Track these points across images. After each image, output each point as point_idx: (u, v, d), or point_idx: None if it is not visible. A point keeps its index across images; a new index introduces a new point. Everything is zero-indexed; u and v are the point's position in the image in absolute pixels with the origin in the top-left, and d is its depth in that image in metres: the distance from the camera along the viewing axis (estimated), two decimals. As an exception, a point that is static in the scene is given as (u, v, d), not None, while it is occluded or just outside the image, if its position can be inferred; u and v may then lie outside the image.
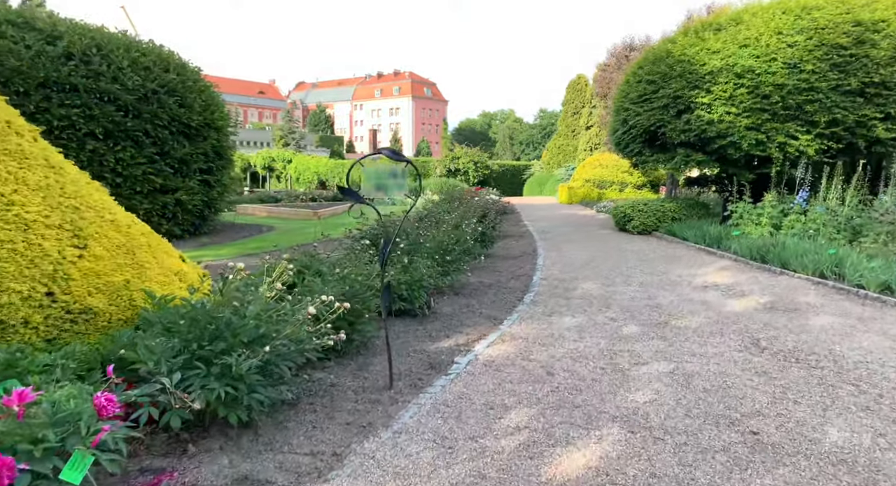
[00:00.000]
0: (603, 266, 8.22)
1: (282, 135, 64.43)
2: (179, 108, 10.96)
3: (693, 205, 12.15)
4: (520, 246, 10.65)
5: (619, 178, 24.08)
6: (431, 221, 9.90)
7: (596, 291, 6.54)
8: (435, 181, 31.93)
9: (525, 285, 6.99)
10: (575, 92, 39.60)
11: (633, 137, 11.69)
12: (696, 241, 10.05)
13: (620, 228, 12.74)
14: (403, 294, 5.05)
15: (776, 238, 8.54)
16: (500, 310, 5.64)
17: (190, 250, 10.21)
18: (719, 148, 10.18)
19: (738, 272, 7.51)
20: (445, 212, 10.93)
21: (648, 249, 10.01)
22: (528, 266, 8.35)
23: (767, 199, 9.73)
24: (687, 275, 7.45)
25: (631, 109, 11.42)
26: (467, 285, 6.96)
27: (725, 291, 6.38)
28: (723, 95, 9.85)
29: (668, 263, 8.47)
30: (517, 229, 13.79)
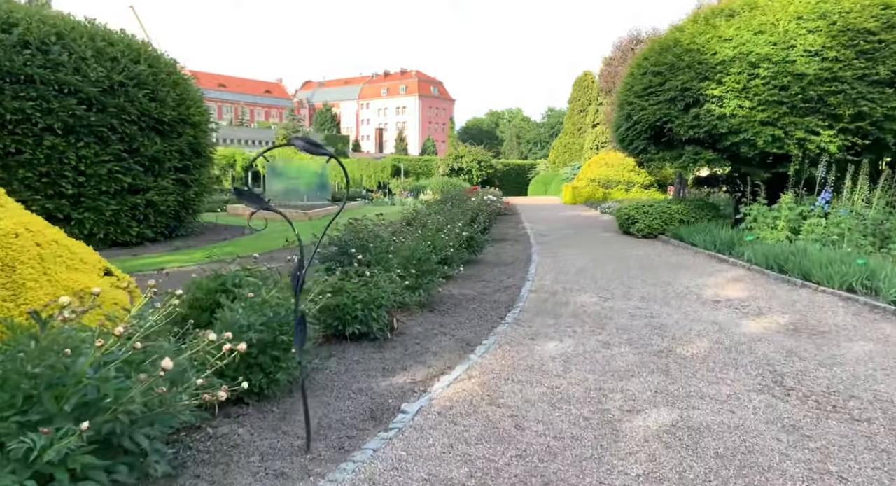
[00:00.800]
0: (601, 275, 7.41)
1: (286, 134, 63.96)
2: (150, 102, 10.25)
3: (702, 206, 11.29)
4: (513, 251, 9.85)
5: (625, 177, 23.17)
6: (418, 224, 9.15)
7: (591, 306, 5.73)
8: (437, 181, 31.17)
9: (512, 298, 6.20)
10: (581, 89, 38.69)
11: (637, 133, 10.84)
12: (706, 246, 9.20)
13: (624, 231, 11.90)
14: (358, 315, 4.28)
15: (795, 244, 7.69)
16: (477, 331, 4.86)
17: (158, 255, 9.52)
18: (731, 145, 9.32)
19: (752, 284, 6.67)
20: (437, 213, 10.19)
21: (653, 255, 9.17)
22: (518, 275, 7.56)
23: (784, 200, 8.86)
24: (695, 287, 6.62)
25: (635, 103, 10.58)
26: (446, 299, 6.18)
27: (739, 307, 5.56)
28: (735, 87, 8.99)
29: (674, 271, 7.64)
30: (514, 232, 12.99)
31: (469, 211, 10.70)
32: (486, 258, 9.03)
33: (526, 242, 11.14)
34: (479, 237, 8.48)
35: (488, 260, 8.87)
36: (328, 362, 3.97)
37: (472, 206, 11.56)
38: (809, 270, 6.40)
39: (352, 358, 4.08)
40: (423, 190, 28.25)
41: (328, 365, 3.91)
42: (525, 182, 40.90)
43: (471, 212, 10.63)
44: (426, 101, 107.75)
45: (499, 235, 12.47)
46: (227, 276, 3.87)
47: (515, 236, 12.14)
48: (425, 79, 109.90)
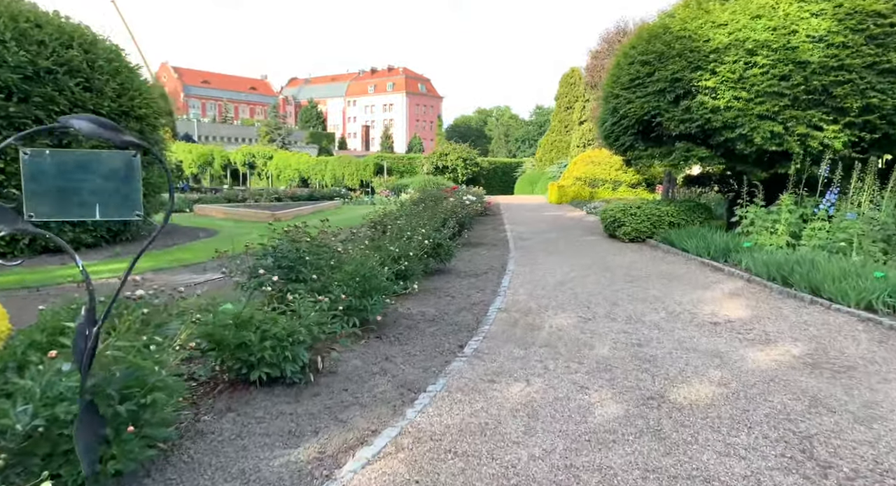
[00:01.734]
0: (583, 288, 6.52)
1: (267, 131, 62.63)
2: (85, 92, 9.19)
3: (693, 208, 10.48)
4: (489, 258, 8.95)
5: (612, 176, 22.40)
6: (380, 230, 8.22)
7: (568, 329, 4.84)
8: (420, 179, 30.22)
9: (477, 318, 5.29)
10: (568, 86, 37.95)
11: (624, 128, 9.98)
12: (699, 252, 8.37)
13: (610, 234, 11.06)
14: (265, 357, 3.34)
15: (798, 252, 6.87)
16: (427, 368, 3.94)
17: (91, 264, 8.48)
18: (726, 141, 8.49)
19: (754, 299, 5.83)
20: (407, 216, 9.28)
21: (641, 262, 8.32)
22: (490, 288, 6.65)
23: (784, 202, 8.05)
24: (689, 303, 5.76)
25: (622, 96, 9.71)
26: (401, 319, 5.26)
27: (742, 331, 4.70)
28: (731, 77, 8.15)
29: (664, 283, 6.78)
30: (493, 235, 12.09)
31: (441, 213, 9.79)
32: (457, 267, 8.11)
33: (504, 246, 10.24)
34: (448, 244, 7.56)
35: (459, 269, 7.96)
36: (222, 421, 3.03)
37: (446, 208, 10.64)
38: (820, 284, 5.56)
39: (254, 414, 3.13)
40: (405, 189, 27.31)
41: (219, 427, 2.97)
42: (511, 181, 40.13)
43: (442, 214, 9.71)
44: (413, 98, 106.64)
45: (476, 238, 11.57)
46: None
47: (494, 240, 11.24)
48: (413, 76, 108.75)
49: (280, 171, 40.31)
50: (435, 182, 27.18)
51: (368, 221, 9.08)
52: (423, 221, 7.88)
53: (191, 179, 43.48)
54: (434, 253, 7.36)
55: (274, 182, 40.78)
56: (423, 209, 10.55)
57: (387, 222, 8.57)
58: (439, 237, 7.46)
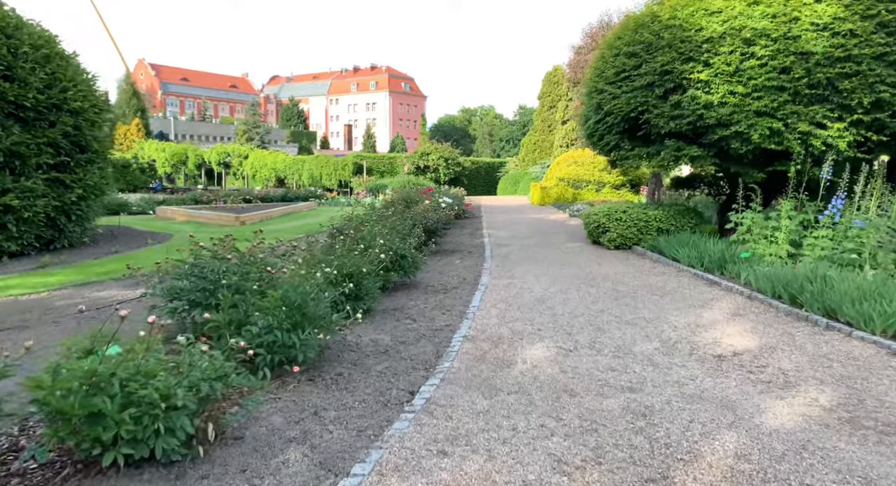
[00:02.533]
0: (564, 307, 5.69)
1: (245, 129, 61.09)
2: (4, 82, 8.12)
3: (683, 212, 9.74)
4: (462, 268, 8.09)
5: (595, 176, 21.73)
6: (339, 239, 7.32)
7: (545, 366, 3.99)
8: (400, 179, 29.30)
9: (438, 351, 4.42)
10: (551, 84, 37.34)
11: (608, 126, 9.20)
12: (692, 263, 7.60)
13: (593, 240, 10.28)
14: (121, 434, 2.42)
15: (805, 265, 6.12)
16: (361, 431, 3.05)
17: (6, 277, 7.43)
18: (719, 140, 7.75)
19: (760, 322, 5.04)
20: (376, 221, 8.40)
21: (628, 274, 7.52)
22: (458, 308, 5.79)
23: (784, 207, 7.33)
24: (686, 327, 4.96)
25: (607, 91, 8.92)
26: (346, 351, 4.37)
27: (754, 369, 3.89)
28: (726, 70, 7.40)
29: (656, 300, 5.98)
30: (469, 242, 11.23)
31: (409, 219, 8.91)
32: (425, 280, 7.24)
33: (480, 255, 9.39)
34: (413, 255, 6.67)
35: (427, 283, 7.08)
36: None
37: (416, 212, 9.76)
38: (836, 305, 4.79)
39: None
40: (383, 190, 26.35)
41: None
42: (494, 181, 39.43)
43: (411, 220, 8.83)
44: (397, 97, 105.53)
45: (451, 245, 10.71)
46: None
47: (470, 247, 10.38)
48: (396, 74, 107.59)
49: (256, 170, 39.02)
50: (415, 183, 26.29)
51: (330, 227, 8.17)
52: (386, 230, 6.99)
53: (164, 178, 42.02)
54: (397, 266, 6.47)
55: (250, 182, 39.49)
56: (391, 214, 9.66)
57: (346, 230, 7.69)
58: (403, 248, 6.57)
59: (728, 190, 10.32)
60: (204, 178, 43.40)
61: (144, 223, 15.52)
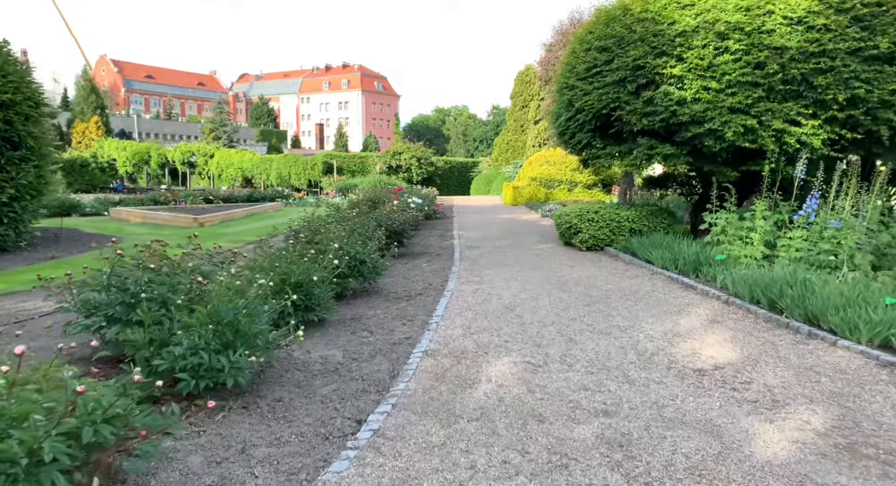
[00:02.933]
0: (533, 315, 5.31)
1: (212, 128, 59.35)
2: (-82, 72, 7.33)
3: (656, 213, 9.51)
4: (429, 272, 7.65)
5: (567, 176, 21.57)
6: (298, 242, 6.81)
7: (511, 386, 3.59)
8: (371, 179, 28.70)
9: (394, 368, 3.97)
10: (523, 84, 37.26)
11: (580, 123, 8.89)
12: (665, 265, 7.34)
13: (565, 241, 9.97)
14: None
15: (780, 267, 5.89)
16: (292, 475, 2.58)
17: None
18: (693, 138, 7.51)
19: (740, 330, 4.75)
20: (338, 222, 7.92)
21: (601, 277, 7.20)
22: (420, 317, 5.35)
23: (759, 207, 7.12)
24: (662, 336, 4.63)
25: (578, 87, 8.61)
26: (290, 373, 3.88)
27: (738, 386, 3.56)
28: (699, 64, 7.15)
29: (630, 306, 5.66)
30: (439, 243, 10.81)
31: (373, 220, 8.43)
32: (388, 286, 6.78)
33: (449, 257, 8.97)
34: (374, 260, 6.20)
35: (390, 289, 6.62)
36: None
37: (381, 213, 9.27)
38: (819, 312, 4.53)
39: None
40: (353, 189, 25.72)
41: None
42: (468, 181, 39.16)
43: (374, 222, 8.35)
44: (370, 96, 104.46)
45: (419, 247, 10.27)
46: None
47: (439, 249, 9.95)
48: (369, 73, 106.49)
49: (222, 170, 37.83)
50: (386, 182, 25.75)
51: (288, 229, 7.64)
52: (345, 232, 6.50)
53: (126, 178, 40.44)
54: (355, 272, 6.00)
55: (216, 182, 38.27)
56: (355, 215, 9.17)
57: (302, 233, 7.18)
58: (362, 252, 6.10)
59: (701, 190, 10.16)
60: (168, 178, 41.96)
61: (95, 225, 14.61)
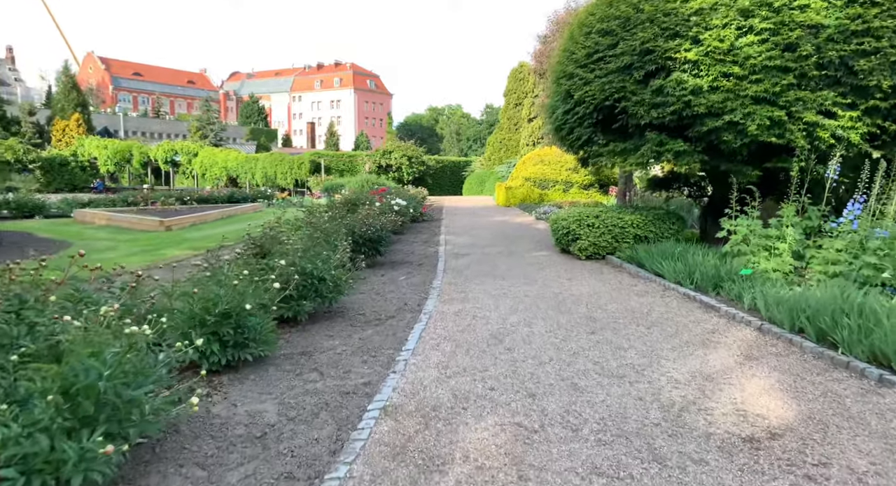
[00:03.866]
0: (527, 349, 4.31)
1: (199, 126, 57.99)
2: None
3: (663, 217, 8.53)
4: (405, 288, 6.63)
5: (563, 176, 20.61)
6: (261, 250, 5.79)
7: (496, 470, 2.57)
8: (359, 179, 27.60)
9: (336, 438, 2.95)
10: (517, 81, 36.31)
11: (579, 117, 7.89)
12: (679, 279, 6.35)
13: (562, 248, 8.98)
14: None
15: (824, 286, 4.92)
16: None
17: None
18: (709, 132, 6.53)
19: (788, 373, 3.76)
20: (308, 226, 6.92)
21: (604, 294, 6.20)
22: (387, 350, 4.33)
23: (786, 212, 6.16)
24: (689, 379, 3.64)
25: (577, 75, 7.61)
26: (200, 439, 2.86)
27: (812, 473, 2.55)
28: (718, 47, 6.17)
29: (643, 334, 4.66)
30: (423, 251, 9.78)
31: (344, 227, 7.41)
32: (357, 304, 5.75)
33: (432, 267, 7.95)
34: (335, 277, 5.17)
35: (357, 309, 5.60)
36: None
37: (356, 218, 8.23)
38: (893, 351, 3.54)
39: None
40: (339, 190, 24.64)
41: None
42: (460, 180, 38.18)
43: (345, 228, 7.33)
44: (362, 94, 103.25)
45: (400, 255, 9.24)
46: None
47: (421, 258, 8.93)
48: (361, 72, 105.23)
49: (206, 169, 36.61)
50: (374, 182, 24.67)
51: (246, 237, 6.59)
52: (301, 244, 5.46)
53: (107, 177, 39.16)
54: (312, 291, 4.96)
55: (200, 182, 37.05)
56: (327, 219, 8.14)
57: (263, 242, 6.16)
58: (321, 268, 5.06)
59: (711, 191, 9.19)
60: (151, 177, 40.71)
61: (52, 229, 13.48)
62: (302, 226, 8.01)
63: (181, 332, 3.61)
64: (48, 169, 34.19)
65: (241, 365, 3.89)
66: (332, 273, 5.15)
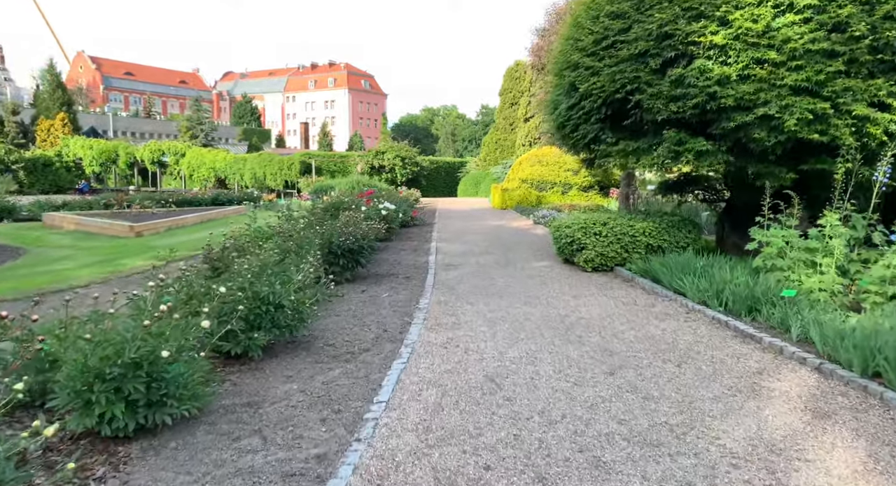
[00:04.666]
0: (532, 396, 3.40)
1: (189, 126, 56.88)
2: None
3: (678, 225, 7.65)
4: (386, 310, 5.71)
5: (561, 177, 19.74)
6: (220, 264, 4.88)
7: None
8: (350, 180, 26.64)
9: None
10: (512, 80, 35.48)
11: (585, 112, 7.00)
12: (704, 299, 5.46)
13: (565, 258, 8.09)
14: None
15: (892, 315, 4.04)
16: None
17: None
18: (738, 128, 5.65)
19: (877, 440, 2.87)
20: (277, 234, 6.03)
21: (619, 316, 5.30)
22: (353, 404, 3.41)
23: (829, 220, 5.29)
24: (749, 450, 2.74)
25: (583, 65, 6.72)
26: None
27: None
28: (751, 29, 5.29)
29: (673, 374, 3.76)
30: (411, 260, 8.86)
31: (318, 237, 6.50)
32: (327, 331, 4.82)
33: (420, 282, 7.05)
34: (295, 303, 4.25)
35: (327, 336, 4.68)
36: None
37: (335, 226, 7.32)
38: None
39: None
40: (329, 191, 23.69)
41: None
42: (455, 182, 37.30)
43: (320, 239, 6.42)
44: (356, 95, 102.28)
45: (386, 265, 8.32)
46: None
47: (410, 269, 8.02)
48: (355, 72, 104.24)
49: (193, 170, 35.54)
50: (366, 184, 23.75)
51: (205, 249, 5.69)
52: (258, 261, 4.54)
53: (93, 178, 38.08)
54: (266, 321, 4.04)
55: (187, 183, 35.98)
56: (302, 227, 7.24)
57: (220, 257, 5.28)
58: (280, 292, 4.14)
59: (729, 195, 8.33)
60: (138, 178, 39.66)
61: (13, 233, 12.50)
62: (273, 235, 7.10)
63: (73, 390, 2.70)
64: (32, 170, 33.16)
65: (161, 428, 2.98)
66: (293, 298, 4.23)
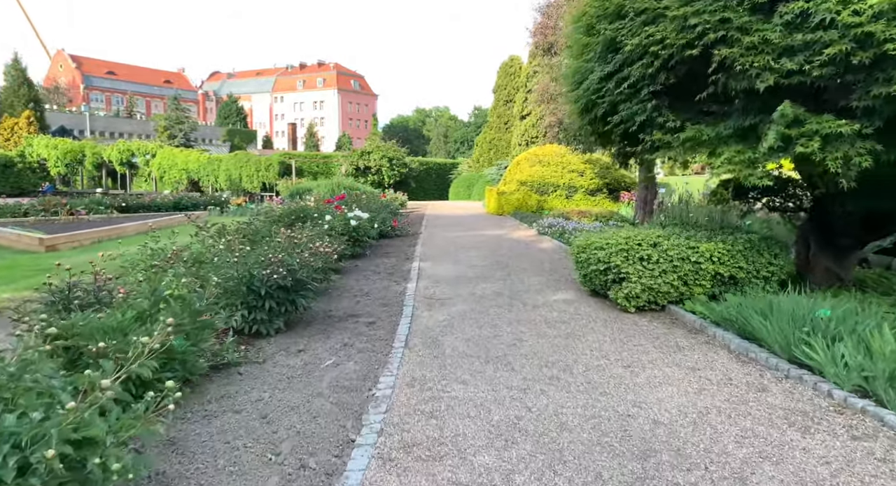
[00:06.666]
0: None
1: (167, 125, 54.15)
2: None
3: (757, 245, 5.39)
4: (323, 400, 3.40)
5: (565, 179, 17.52)
6: None
7: None
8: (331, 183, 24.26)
9: None
10: (507, 76, 33.37)
11: (632, 84, 4.73)
12: (857, 384, 3.20)
13: (593, 289, 5.82)
14: None
15: None
16: None
17: None
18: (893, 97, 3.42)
19: None
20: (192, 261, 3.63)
21: (723, 422, 3.02)
22: None
23: None
24: None
25: (634, 9, 4.46)
26: None
27: None
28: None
29: None
30: (382, 289, 6.54)
31: (233, 269, 4.19)
32: (198, 469, 2.50)
33: (387, 334, 4.74)
34: (181, 371, 1.95)
35: (208, 464, 2.36)
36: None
37: (260, 254, 4.98)
38: None
39: None
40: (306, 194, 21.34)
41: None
42: (447, 184, 35.11)
43: (236, 273, 4.10)
44: (346, 95, 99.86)
45: (348, 297, 6.00)
46: None
47: (378, 305, 5.69)
48: (345, 72, 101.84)
49: (164, 171, 32.98)
50: (348, 186, 21.41)
51: (41, 287, 3.31)
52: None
53: (58, 180, 35.47)
54: None
55: (158, 185, 33.42)
56: (223, 251, 4.93)
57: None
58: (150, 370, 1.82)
59: (813, 203, 6.09)
60: (107, 180, 37.09)
61: None
62: (174, 264, 4.77)
63: None
64: (-8, 171, 30.60)
65: None
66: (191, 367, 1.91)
